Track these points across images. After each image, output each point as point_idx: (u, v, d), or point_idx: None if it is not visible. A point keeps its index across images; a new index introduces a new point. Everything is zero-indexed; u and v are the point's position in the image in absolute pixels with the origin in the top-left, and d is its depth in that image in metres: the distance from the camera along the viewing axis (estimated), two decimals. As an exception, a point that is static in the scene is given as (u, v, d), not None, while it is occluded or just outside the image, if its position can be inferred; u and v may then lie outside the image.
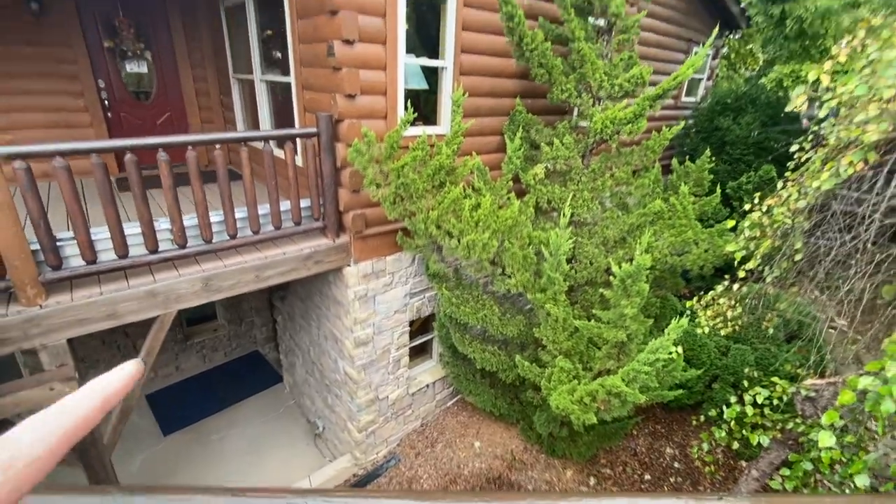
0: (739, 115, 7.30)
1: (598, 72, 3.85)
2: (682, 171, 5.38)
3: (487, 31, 4.25)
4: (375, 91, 3.69)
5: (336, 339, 4.80)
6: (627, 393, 3.01)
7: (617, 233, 4.44)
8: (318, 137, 3.57)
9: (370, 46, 3.52)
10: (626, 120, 3.76)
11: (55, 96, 5.23)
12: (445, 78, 4.17)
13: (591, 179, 4.27)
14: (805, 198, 2.51)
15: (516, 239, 3.81)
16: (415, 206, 3.55)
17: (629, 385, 3.04)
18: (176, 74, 5.99)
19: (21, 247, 2.56)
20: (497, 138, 4.86)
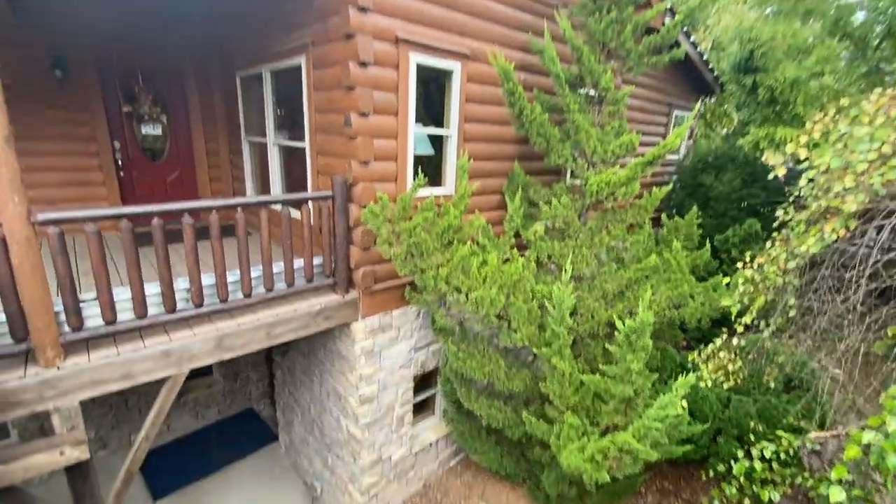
0: (721, 173, 7.77)
1: (592, 139, 4.18)
2: (672, 226, 5.67)
3: (488, 103, 4.62)
4: (387, 157, 3.94)
5: (339, 396, 4.75)
6: (639, 450, 3.03)
7: (615, 287, 4.60)
8: (333, 200, 3.76)
9: (383, 118, 3.81)
10: (621, 183, 4.04)
11: (71, 157, 5.43)
12: (450, 144, 4.47)
13: (588, 236, 4.49)
14: (795, 259, 2.72)
15: (521, 293, 3.94)
16: (425, 263, 3.69)
17: (641, 441, 3.07)
18: (188, 135, 6.27)
19: (47, 309, 2.62)
20: (497, 197, 5.13)
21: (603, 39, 4.18)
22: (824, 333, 2.93)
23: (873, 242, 2.20)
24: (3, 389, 2.51)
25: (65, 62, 5.14)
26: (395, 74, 3.79)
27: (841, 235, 2.33)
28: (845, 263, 2.47)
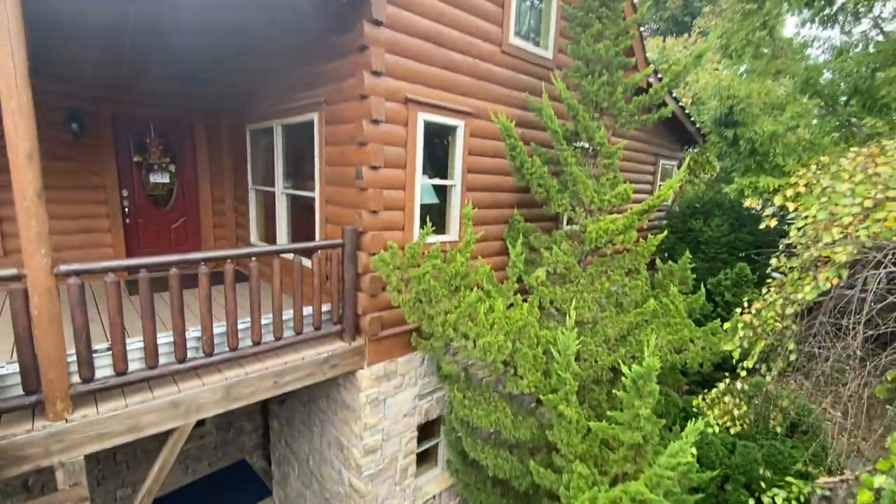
0: (708, 218, 8.07)
1: (589, 190, 4.39)
2: (666, 270, 5.83)
3: (489, 155, 4.87)
4: (395, 207, 4.10)
5: (342, 447, 4.64)
6: (652, 500, 3.00)
7: (617, 331, 4.67)
8: (343, 248, 3.86)
9: (392, 171, 4.00)
10: (619, 231, 4.22)
11: (79, 205, 5.53)
12: (454, 194, 4.66)
13: (589, 282, 4.61)
14: (792, 305, 2.85)
15: (526, 339, 3.99)
16: (433, 310, 3.75)
17: (653, 491, 3.04)
18: (195, 184, 6.43)
19: (60, 360, 2.62)
20: (498, 243, 5.28)
21: (596, 99, 4.50)
22: (826, 378, 3.00)
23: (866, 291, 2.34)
24: (12, 443, 2.46)
25: (81, 116, 5.34)
26: (404, 131, 4.02)
27: (835, 283, 2.48)
28: (842, 310, 2.60)
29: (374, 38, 3.60)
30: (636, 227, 4.34)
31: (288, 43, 4.68)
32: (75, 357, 2.74)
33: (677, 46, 12.25)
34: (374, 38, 3.60)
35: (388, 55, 3.74)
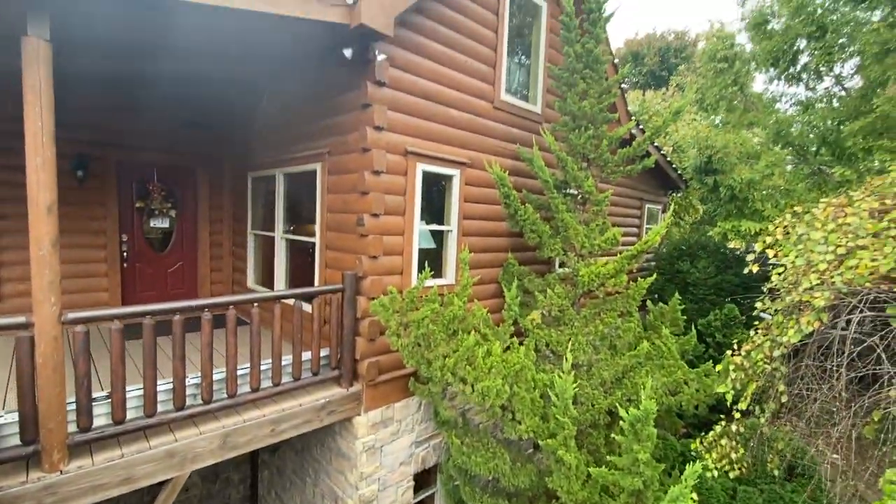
0: (695, 260, 8.32)
1: (580, 235, 4.58)
2: (657, 312, 5.96)
3: (483, 202, 5.08)
4: (395, 252, 4.23)
5: (336, 498, 4.50)
6: (656, 548, 2.96)
7: (612, 374, 4.72)
8: (343, 292, 3.95)
9: (392, 218, 4.16)
10: (609, 275, 4.37)
11: (78, 249, 5.57)
12: (451, 239, 4.82)
13: (583, 324, 4.71)
14: (779, 348, 2.96)
15: (524, 383, 4.03)
16: (432, 354, 3.80)
17: (656, 539, 3.01)
18: (194, 228, 6.53)
19: (61, 409, 2.61)
20: (494, 286, 5.39)
21: (583, 151, 4.78)
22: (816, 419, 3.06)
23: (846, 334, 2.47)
24: (5, 495, 2.41)
25: (86, 163, 5.50)
26: (403, 180, 4.22)
27: (816, 327, 2.61)
28: (825, 352, 2.71)
29: (377, 97, 3.86)
30: (626, 271, 4.49)
31: (293, 97, 4.95)
32: (75, 406, 2.73)
33: (656, 99, 13.06)
34: (377, 97, 3.86)
35: (389, 112, 3.99)
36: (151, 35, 3.39)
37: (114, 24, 3.11)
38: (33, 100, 2.45)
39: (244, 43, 3.85)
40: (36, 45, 2.42)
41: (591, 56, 4.68)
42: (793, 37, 5.97)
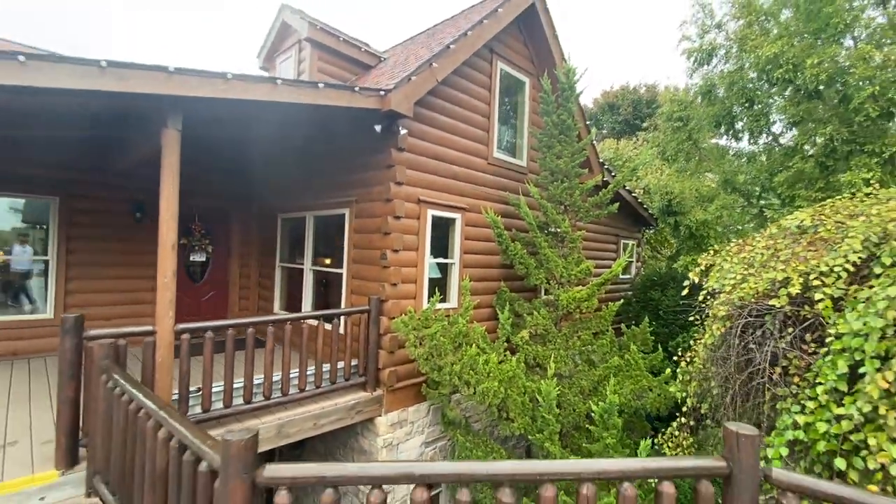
0: (665, 289, 9.40)
1: (559, 267, 5.63)
2: (630, 334, 6.95)
3: (480, 240, 6.14)
4: (410, 280, 5.22)
5: (357, 491, 5.27)
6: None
7: (589, 384, 5.66)
8: (369, 313, 4.90)
9: (408, 253, 5.17)
10: (583, 299, 5.40)
11: (132, 279, 6.49)
12: (454, 270, 5.83)
13: (564, 341, 5.68)
14: (705, 350, 3.96)
15: (516, 388, 4.95)
16: (442, 361, 4.72)
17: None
18: (227, 262, 7.47)
19: (169, 398, 3.48)
20: (489, 310, 6.36)
21: (560, 199, 5.91)
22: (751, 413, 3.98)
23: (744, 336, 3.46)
24: (137, 460, 3.24)
25: (143, 207, 6.49)
26: (416, 223, 5.27)
27: (721, 332, 3.61)
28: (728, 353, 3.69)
29: (399, 159, 4.96)
30: (597, 296, 5.52)
31: (326, 157, 6.05)
32: (177, 396, 3.60)
33: (629, 147, 14.62)
34: (398, 159, 4.96)
35: (407, 170, 5.09)
36: (239, 120, 4.47)
37: (216, 117, 4.17)
38: (169, 173, 3.49)
39: (297, 118, 4.95)
40: (172, 135, 3.47)
41: (565, 125, 5.89)
42: (729, 105, 7.32)
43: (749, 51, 6.27)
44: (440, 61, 5.04)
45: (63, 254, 5.99)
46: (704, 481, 1.92)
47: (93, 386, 3.05)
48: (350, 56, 7.17)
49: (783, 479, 1.82)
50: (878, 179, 5.10)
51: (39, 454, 3.28)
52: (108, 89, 2.93)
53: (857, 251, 2.99)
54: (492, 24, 5.71)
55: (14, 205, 5.88)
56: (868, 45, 5.33)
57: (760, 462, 1.90)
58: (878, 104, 5.10)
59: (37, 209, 5.98)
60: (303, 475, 1.76)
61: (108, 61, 2.88)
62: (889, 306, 2.47)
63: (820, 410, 2.65)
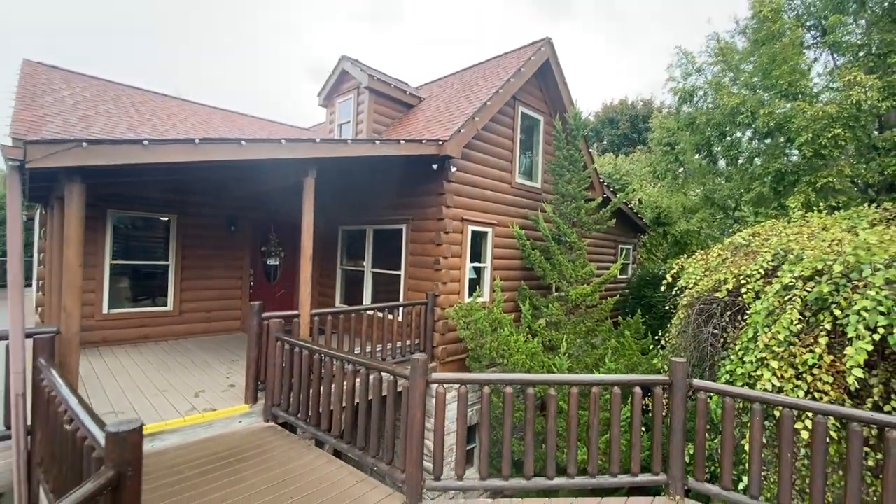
0: (656, 287, 11.00)
1: (569, 269, 7.24)
2: (626, 324, 8.55)
3: (506, 248, 7.75)
4: (455, 280, 6.84)
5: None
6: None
7: (592, 360, 7.26)
8: (426, 305, 6.52)
9: (454, 259, 6.79)
10: (588, 294, 7.01)
11: (226, 279, 8.11)
12: (486, 272, 7.45)
13: (573, 327, 7.29)
14: (675, 328, 5.56)
15: (537, 361, 6.56)
16: (483, 340, 6.34)
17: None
18: (295, 266, 9.09)
19: (307, 359, 5.09)
20: (512, 303, 7.98)
21: (570, 216, 7.53)
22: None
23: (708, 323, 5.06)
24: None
25: (236, 220, 8.13)
26: (460, 236, 6.89)
27: (683, 316, 5.20)
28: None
29: (448, 189, 6.58)
30: (599, 293, 7.14)
31: (385, 184, 7.66)
32: (309, 359, 5.21)
33: (626, 163, 16.22)
34: (448, 189, 6.58)
35: (454, 196, 6.70)
36: (339, 163, 6.07)
37: (331, 167, 5.76)
38: (308, 205, 5.12)
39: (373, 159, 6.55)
40: (310, 182, 5.09)
41: (573, 158, 7.51)
42: (708, 136, 8.88)
43: (720, 98, 7.88)
44: (480, 115, 6.66)
45: (179, 259, 7.62)
46: (657, 388, 3.54)
47: (269, 348, 4.67)
48: (397, 98, 8.80)
49: (699, 384, 3.44)
50: (803, 203, 6.68)
51: (227, 396, 4.90)
52: (284, 156, 4.55)
53: (769, 261, 4.60)
54: (517, 81, 7.33)
55: (144, 222, 7.52)
56: (803, 101, 6.91)
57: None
58: (812, 146, 6.67)
59: (160, 225, 7.62)
60: (446, 378, 3.38)
61: (286, 139, 4.50)
62: (773, 297, 4.08)
63: (737, 361, 4.26)
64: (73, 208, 3.57)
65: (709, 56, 8.79)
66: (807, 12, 7.88)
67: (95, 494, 1.65)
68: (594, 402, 3.50)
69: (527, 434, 3.48)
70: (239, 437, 4.29)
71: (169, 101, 10.39)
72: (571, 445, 3.47)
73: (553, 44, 8.11)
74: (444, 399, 3.43)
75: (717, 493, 3.32)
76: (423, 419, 3.38)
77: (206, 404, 4.64)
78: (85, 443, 2.18)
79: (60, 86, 8.36)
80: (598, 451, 3.53)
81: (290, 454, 3.99)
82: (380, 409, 3.89)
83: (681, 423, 3.48)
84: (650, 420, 4.08)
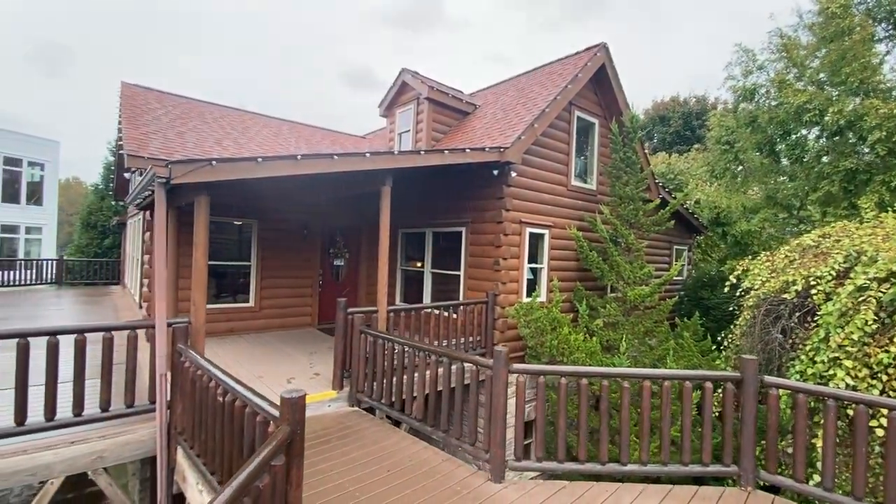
0: (714, 289, 10.79)
1: (627, 271, 7.36)
2: (683, 325, 8.53)
3: (561, 249, 7.96)
4: (513, 280, 7.14)
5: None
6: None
7: (650, 361, 7.34)
8: (487, 304, 6.86)
9: (513, 260, 7.09)
10: (647, 295, 7.10)
11: (298, 279, 8.81)
12: (543, 273, 7.70)
13: (631, 327, 7.40)
14: (739, 329, 5.59)
15: (595, 360, 6.74)
16: (543, 339, 6.61)
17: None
18: (357, 266, 9.71)
19: (384, 352, 5.57)
20: (567, 304, 8.17)
21: (627, 218, 7.64)
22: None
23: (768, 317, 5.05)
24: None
25: (309, 225, 8.82)
26: (518, 238, 7.18)
27: (749, 317, 5.21)
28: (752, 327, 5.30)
29: (508, 193, 6.90)
30: (658, 293, 7.21)
31: (444, 188, 8.08)
32: (385, 352, 5.68)
33: (680, 161, 15.80)
34: (507, 193, 6.89)
35: (513, 199, 7.01)
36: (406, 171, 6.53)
37: (403, 176, 6.24)
38: (385, 211, 5.59)
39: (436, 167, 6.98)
40: (387, 190, 5.57)
41: (630, 160, 7.62)
42: (770, 135, 8.65)
43: (784, 95, 7.69)
44: (539, 122, 6.94)
45: (259, 260, 8.38)
46: (728, 384, 3.70)
47: (353, 340, 5.17)
48: (455, 107, 9.21)
49: (770, 380, 3.59)
50: (876, 203, 6.43)
51: (314, 383, 5.46)
52: (368, 168, 5.05)
53: (840, 263, 4.60)
54: (574, 87, 7.54)
55: (230, 227, 8.33)
56: (875, 98, 6.64)
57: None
58: (886, 144, 6.41)
59: (243, 229, 8.42)
60: (526, 369, 3.71)
61: (370, 152, 5.00)
62: (846, 298, 4.11)
63: (808, 361, 4.32)
64: (200, 217, 4.20)
65: (771, 52, 8.59)
66: (878, 5, 7.54)
67: (278, 448, 2.12)
68: (666, 394, 3.71)
69: (602, 423, 3.75)
70: (330, 418, 4.81)
71: (243, 115, 11.34)
72: (644, 435, 3.70)
73: (608, 49, 8.24)
74: (524, 387, 3.75)
75: (791, 485, 3.45)
76: (506, 404, 3.73)
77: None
78: (245, 410, 2.69)
79: (155, 105, 9.39)
80: (668, 442, 3.74)
81: (378, 435, 4.45)
82: (462, 395, 4.26)
83: (752, 417, 3.63)
84: (698, 416, 4.21)
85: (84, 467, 3.68)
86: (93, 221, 19.11)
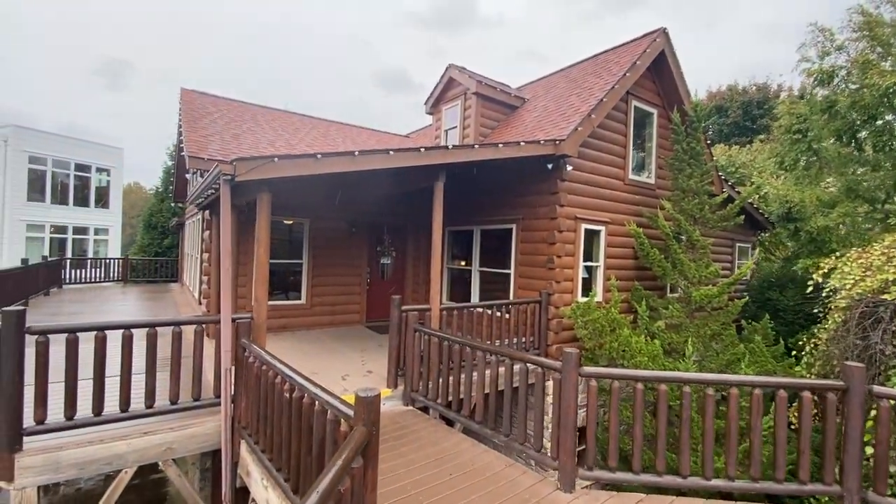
0: (783, 290, 9.99)
1: (691, 270, 6.89)
2: (752, 329, 7.92)
3: (618, 247, 7.57)
4: (567, 279, 6.84)
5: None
6: (755, 451, 5.09)
7: (717, 366, 6.84)
8: (540, 303, 6.60)
9: (567, 258, 6.80)
10: (714, 296, 6.62)
11: (347, 276, 8.88)
12: (599, 271, 7.35)
13: (696, 330, 6.92)
14: (825, 333, 5.05)
15: (658, 364, 6.33)
16: (602, 340, 6.29)
17: (754, 446, 5.14)
18: (404, 264, 9.69)
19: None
20: (626, 304, 7.77)
21: (691, 213, 7.16)
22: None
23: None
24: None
25: (356, 223, 8.87)
26: (573, 235, 6.88)
27: (840, 320, 4.69)
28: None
29: (562, 188, 6.62)
30: (728, 293, 6.70)
31: (494, 184, 7.89)
32: (438, 351, 5.57)
33: (742, 154, 14.77)
34: (562, 188, 6.61)
35: (567, 195, 6.72)
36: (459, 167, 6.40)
37: (456, 172, 6.12)
38: (438, 206, 5.48)
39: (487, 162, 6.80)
40: (440, 186, 5.45)
41: (694, 151, 7.13)
42: (852, 121, 7.84)
43: (868, 77, 6.93)
44: (596, 112, 6.62)
45: (310, 258, 8.51)
46: (829, 393, 3.31)
47: (408, 338, 5.09)
48: (502, 101, 9.00)
49: (880, 391, 3.17)
50: None
51: (367, 380, 5.43)
52: (423, 163, 4.95)
53: (957, 258, 4.04)
54: (632, 75, 7.15)
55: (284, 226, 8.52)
56: None
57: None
58: None
59: (296, 228, 8.58)
60: (598, 373, 3.47)
61: (424, 147, 4.89)
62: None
63: (920, 370, 3.81)
64: (262, 214, 4.23)
65: (852, 31, 7.79)
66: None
67: (357, 449, 2.02)
68: (756, 403, 3.37)
69: (682, 433, 3.46)
70: (387, 417, 4.73)
71: (292, 116, 11.61)
72: (731, 448, 3.38)
73: (668, 34, 7.77)
74: (595, 392, 3.50)
75: (910, 511, 3.03)
76: (576, 409, 3.50)
77: (354, 387, 5.19)
78: (315, 407, 2.62)
79: (211, 109, 9.75)
80: (760, 456, 3.39)
81: (435, 435, 4.33)
82: (514, 397, 4.07)
83: (858, 432, 3.22)
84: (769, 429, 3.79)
85: (155, 458, 3.78)
86: (154, 222, 20.29)
